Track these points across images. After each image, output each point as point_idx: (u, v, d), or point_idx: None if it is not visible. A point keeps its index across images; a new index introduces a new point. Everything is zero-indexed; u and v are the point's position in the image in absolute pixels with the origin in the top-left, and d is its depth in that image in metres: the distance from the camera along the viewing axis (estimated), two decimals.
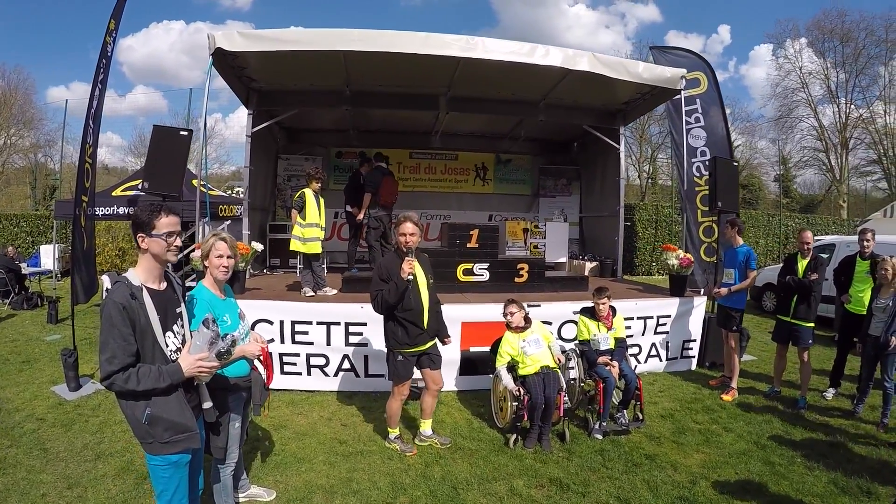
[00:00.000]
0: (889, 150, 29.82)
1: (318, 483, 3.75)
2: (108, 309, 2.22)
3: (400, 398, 4.42)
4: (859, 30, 29.71)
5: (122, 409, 2.32)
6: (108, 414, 4.87)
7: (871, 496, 3.71)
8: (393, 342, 4.24)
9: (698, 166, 8.50)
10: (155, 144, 5.47)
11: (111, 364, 2.18)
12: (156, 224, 2.32)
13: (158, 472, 2.40)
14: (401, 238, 4.11)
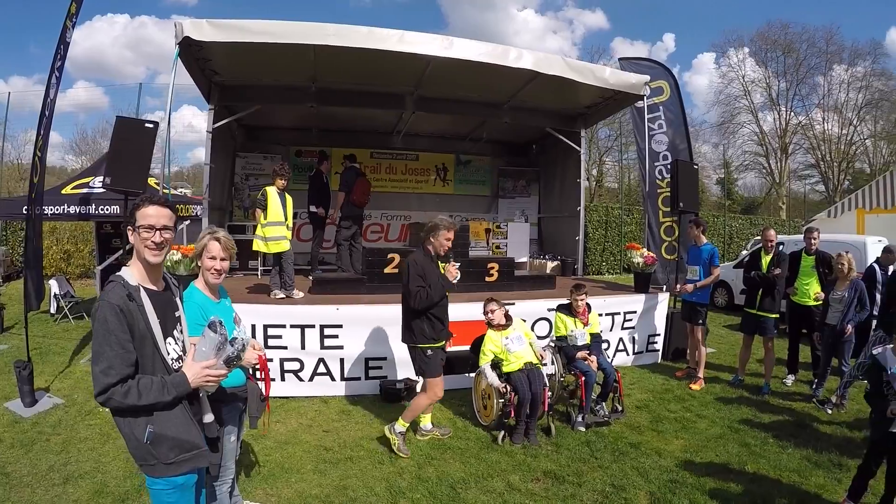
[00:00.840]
0: (826, 155, 32.29)
1: (312, 493, 3.61)
2: (102, 312, 1.92)
3: (433, 397, 4.39)
4: (801, 41, 32.10)
5: (120, 427, 2.01)
6: (71, 431, 4.49)
7: (842, 468, 4.02)
8: (420, 338, 4.27)
9: (660, 169, 8.91)
10: (118, 137, 5.08)
11: (108, 376, 1.88)
12: (136, 215, 2.04)
13: (162, 497, 2.10)
14: (447, 242, 4.30)
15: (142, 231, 2.01)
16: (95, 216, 7.42)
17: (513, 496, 3.63)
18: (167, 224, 2.07)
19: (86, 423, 4.61)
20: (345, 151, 9.80)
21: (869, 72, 31.15)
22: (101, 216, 7.48)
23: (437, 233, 4.28)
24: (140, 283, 2.03)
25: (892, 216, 10.97)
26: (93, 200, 7.33)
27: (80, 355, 6.77)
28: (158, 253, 2.06)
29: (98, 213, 7.37)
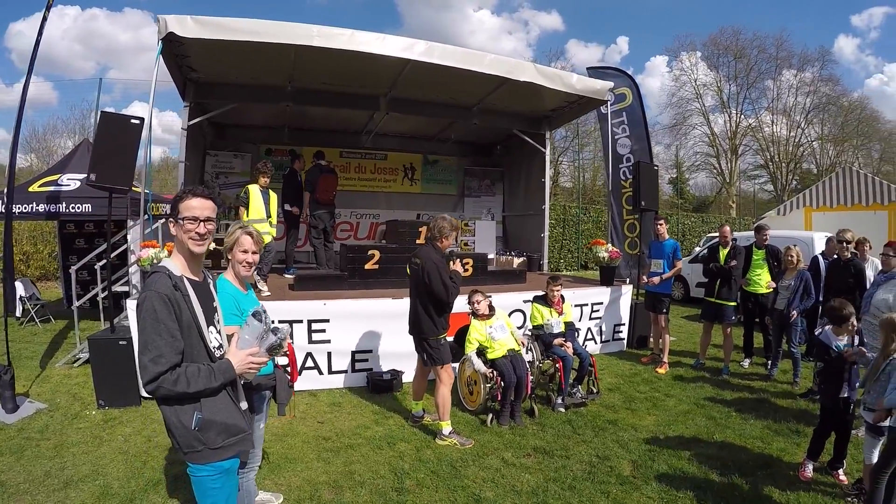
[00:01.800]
0: (775, 156, 34.21)
1: (320, 480, 3.72)
2: (150, 302, 1.93)
3: (450, 383, 4.56)
4: (752, 47, 33.87)
5: (166, 416, 2.02)
6: (61, 436, 4.39)
7: (800, 434, 4.58)
8: (440, 329, 4.52)
9: (624, 171, 9.50)
10: (102, 133, 4.99)
11: (158, 364, 1.89)
12: (180, 207, 2.07)
13: (207, 483, 2.11)
14: (450, 244, 4.60)
15: (186, 223, 2.04)
16: (65, 215, 7.19)
17: (509, 470, 3.92)
18: (210, 216, 2.11)
19: (75, 427, 4.54)
20: (315, 150, 9.89)
21: (817, 77, 33.22)
22: (71, 215, 7.25)
23: (447, 235, 4.52)
24: (183, 273, 2.07)
25: (837, 213, 11.99)
26: (62, 199, 7.11)
27: (55, 359, 6.60)
28: (202, 243, 2.09)
29: (68, 212, 7.15)
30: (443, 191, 12.47)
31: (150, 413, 4.85)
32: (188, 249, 2.07)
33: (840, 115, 33.03)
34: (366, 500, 3.46)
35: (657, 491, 3.62)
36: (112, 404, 5.01)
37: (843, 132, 32.93)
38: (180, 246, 2.10)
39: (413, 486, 3.66)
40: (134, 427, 4.58)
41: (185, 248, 2.08)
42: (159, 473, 3.72)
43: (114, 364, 5.03)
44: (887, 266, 4.78)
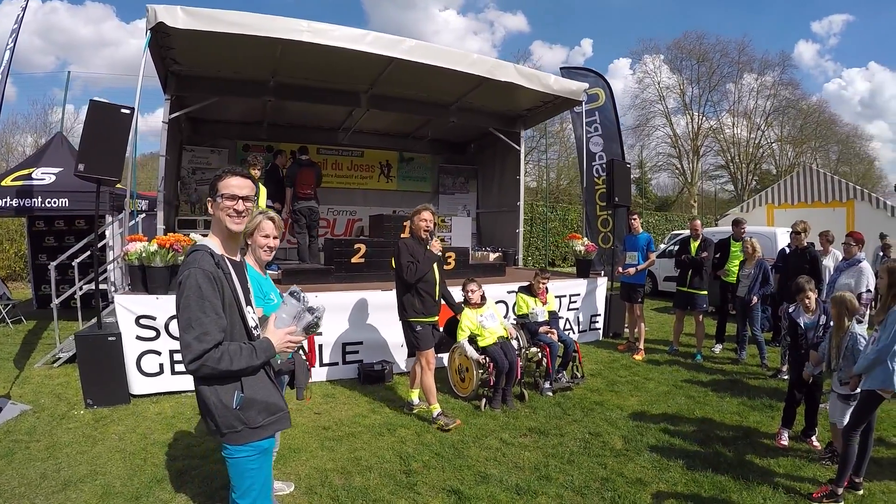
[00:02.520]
0: (735, 157, 35.56)
1: (328, 467, 3.78)
2: (195, 279, 1.93)
3: (431, 369, 4.69)
4: (715, 52, 35.07)
5: (204, 396, 2.01)
6: (51, 437, 4.22)
7: (773, 409, 4.98)
8: (411, 312, 4.63)
9: (597, 168, 9.88)
10: (91, 122, 4.85)
11: (202, 342, 1.88)
12: (219, 186, 2.08)
13: (245, 464, 2.11)
14: (421, 223, 4.69)
15: (224, 200, 2.05)
16: (39, 210, 6.94)
17: (508, 449, 4.12)
18: (248, 194, 2.11)
19: (64, 428, 4.39)
20: (293, 146, 9.89)
21: (777, 81, 34.78)
22: (46, 210, 6.99)
23: (414, 217, 4.74)
24: (222, 253, 2.09)
25: (798, 210, 12.77)
26: (36, 193, 6.88)
27: (32, 359, 6.38)
28: (240, 221, 2.09)
29: (43, 207, 6.90)
30: (418, 188, 12.60)
31: (142, 411, 4.79)
32: (226, 228, 2.08)
33: (799, 118, 34.63)
34: (376, 483, 3.56)
35: (649, 461, 3.91)
36: (101, 403, 4.86)
37: (802, 134, 34.60)
38: (218, 225, 2.11)
39: (420, 467, 3.80)
40: (127, 425, 4.45)
41: (223, 226, 2.09)
42: (162, 470, 3.67)
43: (102, 361, 4.90)
44: (848, 254, 5.26)
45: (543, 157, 28.60)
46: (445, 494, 3.41)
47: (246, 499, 2.16)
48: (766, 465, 3.85)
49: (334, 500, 3.32)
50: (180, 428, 4.41)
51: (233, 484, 2.16)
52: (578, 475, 3.68)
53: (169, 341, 5.20)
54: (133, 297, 5.18)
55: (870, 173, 36.65)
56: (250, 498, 2.16)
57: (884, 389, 3.25)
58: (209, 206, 2.11)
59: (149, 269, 5.29)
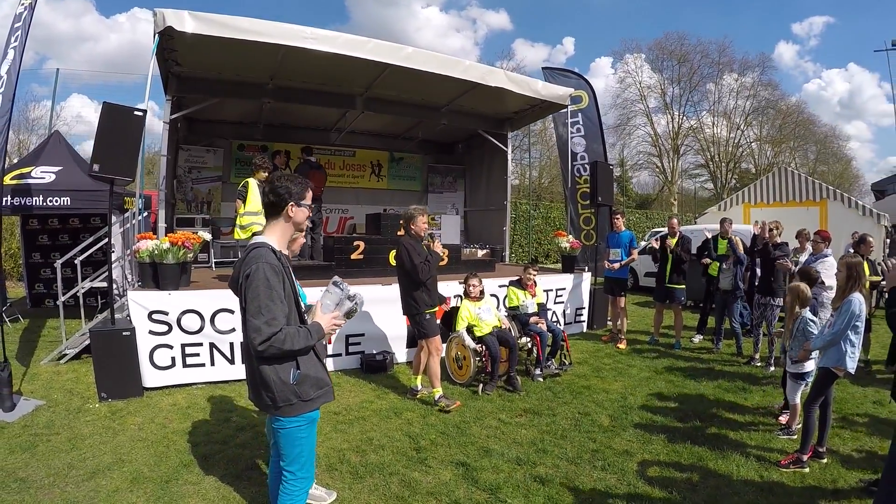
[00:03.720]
0: (715, 156, 36.14)
1: (343, 447, 4.05)
2: (263, 271, 2.23)
3: (438, 355, 5.06)
4: (696, 52, 35.52)
5: (265, 374, 2.31)
6: (70, 430, 4.31)
7: (747, 391, 5.52)
8: (422, 306, 4.99)
9: (578, 168, 10.33)
10: (105, 123, 5.00)
11: (271, 326, 2.18)
12: (305, 195, 2.46)
13: (296, 434, 2.42)
14: (424, 227, 5.10)
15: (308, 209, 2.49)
16: (39, 208, 7.03)
17: (507, 427, 4.52)
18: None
19: (82, 421, 4.50)
20: (287, 146, 10.12)
21: (757, 82, 35.44)
22: (46, 208, 7.07)
23: (416, 220, 5.08)
24: (280, 249, 2.42)
25: (773, 209, 13.40)
26: (36, 192, 6.98)
27: (37, 357, 6.50)
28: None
29: (43, 206, 7.00)
30: (408, 187, 12.93)
31: (157, 402, 4.98)
32: (299, 229, 2.50)
33: (778, 118, 35.38)
34: (390, 459, 3.88)
35: (635, 435, 4.35)
36: (115, 396, 5.01)
37: (781, 134, 35.39)
38: (291, 226, 2.47)
39: (428, 444, 4.15)
40: (144, 416, 4.61)
41: (296, 228, 2.48)
42: (187, 455, 3.85)
43: (116, 356, 5.06)
44: (816, 250, 5.81)
45: (526, 156, 29.11)
46: (454, 466, 3.77)
47: (295, 465, 2.48)
48: (739, 439, 4.31)
49: (354, 475, 3.63)
50: (197, 417, 4.63)
51: (283, 453, 2.48)
52: (571, 448, 4.09)
53: (181, 335, 5.45)
54: (146, 293, 5.41)
55: (847, 173, 37.64)
56: (298, 464, 2.49)
57: (837, 367, 3.73)
58: (289, 208, 2.42)
59: (161, 265, 5.52)
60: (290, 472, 2.49)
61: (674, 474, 3.68)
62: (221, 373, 5.62)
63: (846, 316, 3.67)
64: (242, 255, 2.42)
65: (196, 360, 5.54)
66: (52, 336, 7.49)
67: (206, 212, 9.97)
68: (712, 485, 3.54)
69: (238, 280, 2.36)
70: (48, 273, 9.13)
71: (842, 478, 3.66)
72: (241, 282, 2.31)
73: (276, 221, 2.46)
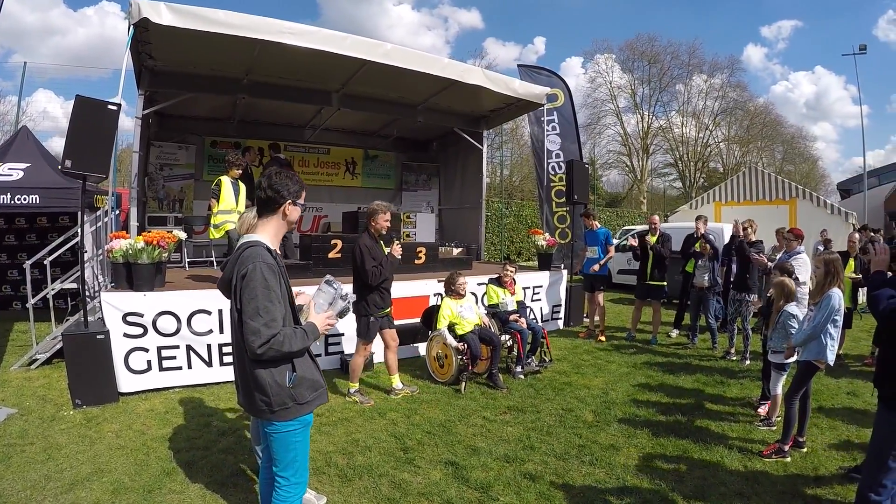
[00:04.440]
0: (684, 156, 36.97)
1: (328, 449, 3.99)
2: (261, 271, 2.17)
3: (364, 356, 5.18)
4: (666, 53, 36.27)
5: (261, 377, 2.23)
6: (45, 439, 4.14)
7: (725, 384, 5.71)
8: (372, 308, 4.99)
9: (553, 166, 10.45)
10: (77, 118, 4.78)
11: (270, 328, 2.12)
12: (301, 194, 2.42)
13: (291, 438, 2.35)
14: (385, 223, 5.02)
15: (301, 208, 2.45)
16: (6, 207, 6.66)
17: (493, 425, 4.55)
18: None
19: (57, 429, 4.33)
20: (261, 143, 9.94)
21: (726, 83, 36.36)
22: (14, 207, 6.71)
23: (376, 216, 5.01)
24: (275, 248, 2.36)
25: (744, 208, 13.82)
26: (4, 190, 6.61)
27: (6, 362, 6.22)
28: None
29: (11, 204, 6.65)
30: (382, 185, 12.86)
31: (133, 408, 4.82)
32: (291, 228, 2.45)
33: (746, 119, 36.43)
34: (378, 460, 3.85)
35: (619, 430, 4.44)
36: (89, 402, 4.82)
37: (749, 135, 36.44)
38: (285, 225, 2.42)
39: (415, 444, 4.14)
40: (121, 423, 4.46)
41: (289, 227, 2.43)
42: (168, 463, 3.74)
43: (90, 360, 4.88)
44: (789, 247, 6.06)
45: (498, 154, 29.27)
46: (443, 466, 3.78)
47: (289, 470, 2.41)
48: (721, 431, 4.46)
49: (343, 478, 3.59)
50: (176, 422, 4.50)
51: (276, 458, 2.41)
52: (558, 444, 4.15)
53: (156, 338, 5.29)
54: (120, 295, 5.23)
55: (813, 172, 38.97)
56: (293, 469, 2.41)
57: (818, 360, 3.90)
58: (286, 206, 2.37)
59: (135, 265, 5.34)
60: (284, 477, 2.43)
61: (660, 466, 3.78)
62: (199, 376, 5.49)
63: (826, 310, 3.84)
64: (235, 255, 2.34)
65: (173, 364, 5.40)
66: (20, 340, 7.18)
67: (178, 210, 9.69)
68: (698, 476, 3.65)
69: (231, 280, 2.29)
70: (15, 274, 8.76)
71: (822, 465, 3.82)
72: (236, 282, 2.24)
73: (270, 219, 2.38)
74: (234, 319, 2.31)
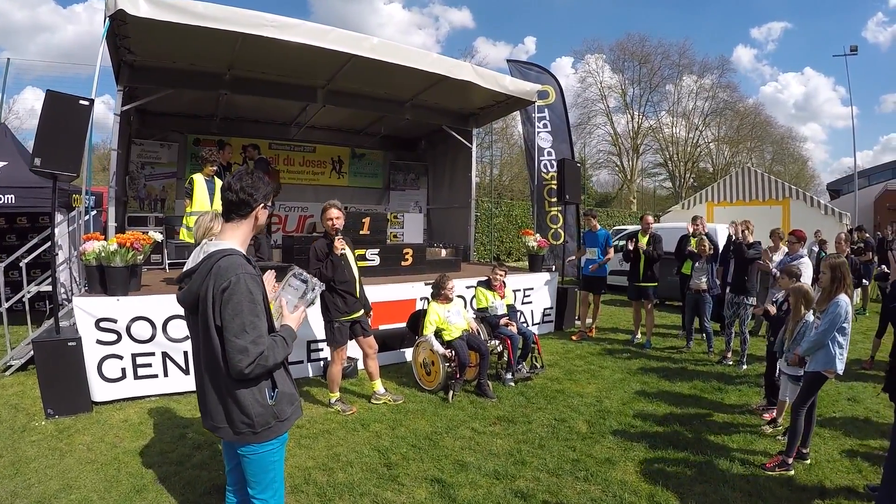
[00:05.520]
0: (674, 156, 37.20)
1: (308, 465, 3.80)
2: (245, 284, 1.99)
3: (340, 363, 4.99)
4: (657, 54, 36.54)
5: (242, 399, 2.06)
6: (13, 452, 3.98)
7: (723, 391, 5.55)
8: (334, 312, 4.83)
9: (545, 164, 10.27)
10: (47, 114, 4.57)
11: (258, 345, 1.96)
12: (271, 196, 2.27)
13: (269, 458, 2.19)
14: (328, 223, 4.81)
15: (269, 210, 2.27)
16: None
17: (481, 437, 4.36)
18: None
19: (27, 441, 4.15)
20: (244, 141, 9.68)
21: (716, 84, 36.72)
22: None
23: (323, 215, 4.90)
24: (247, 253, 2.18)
25: (736, 208, 13.81)
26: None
27: None
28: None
29: None
30: (369, 184, 12.64)
31: (107, 419, 4.62)
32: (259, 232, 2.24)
33: (736, 119, 36.79)
34: (359, 477, 3.64)
35: (614, 442, 4.27)
36: (62, 412, 4.62)
37: (739, 135, 36.79)
38: (254, 228, 2.24)
39: (399, 459, 3.93)
40: (93, 434, 4.27)
41: (258, 231, 2.24)
42: (140, 479, 3.56)
43: (62, 368, 4.66)
44: (792, 250, 5.92)
45: (487, 154, 29.13)
46: (429, 483, 3.58)
47: (268, 492, 2.24)
48: (721, 442, 4.29)
49: (322, 497, 3.39)
50: (150, 434, 4.31)
51: (252, 480, 2.23)
52: (551, 458, 3.97)
53: (131, 344, 5.06)
54: (92, 300, 4.98)
55: (803, 173, 39.47)
56: (272, 489, 2.25)
57: (827, 370, 3.74)
58: (260, 209, 2.20)
59: (108, 269, 5.09)
60: (262, 499, 2.25)
61: (659, 482, 3.61)
62: (175, 384, 5.25)
63: (832, 317, 3.70)
64: (205, 266, 2.07)
65: (148, 371, 5.16)
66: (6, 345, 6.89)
67: (159, 210, 9.40)
68: (699, 492, 3.49)
69: (203, 294, 2.04)
70: None
71: (827, 478, 3.68)
72: (215, 296, 2.01)
73: (239, 223, 2.19)
74: (203, 337, 2.08)
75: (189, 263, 2.21)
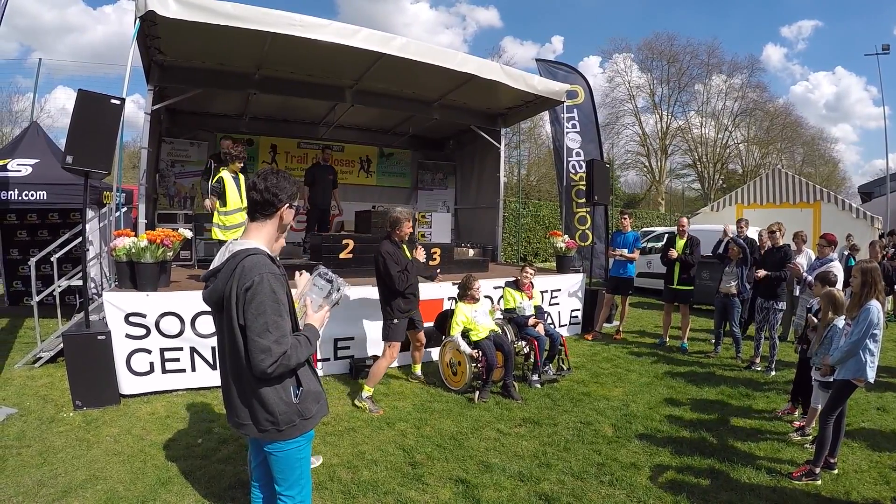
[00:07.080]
0: (702, 157, 36.38)
1: (333, 462, 3.81)
2: (269, 283, 1.99)
3: (391, 359, 5.10)
4: (685, 53, 35.75)
5: (266, 397, 2.06)
6: (42, 442, 4.03)
7: (751, 397, 5.39)
8: (397, 312, 4.98)
9: (574, 164, 10.11)
10: (80, 113, 4.65)
11: (281, 345, 1.97)
12: (297, 196, 2.25)
13: (296, 455, 2.20)
14: (409, 231, 5.07)
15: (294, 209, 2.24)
16: (15, 202, 6.62)
17: (507, 439, 4.29)
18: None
19: (55, 432, 4.22)
20: (273, 140, 9.79)
21: (745, 83, 35.76)
22: (22, 202, 6.68)
23: (400, 225, 5.03)
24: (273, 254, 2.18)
25: (766, 210, 13.37)
26: (12, 185, 6.57)
27: (11, 360, 6.12)
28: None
29: (19, 200, 6.60)
30: (397, 184, 12.64)
31: (134, 411, 4.70)
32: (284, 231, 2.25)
33: (766, 120, 35.73)
34: (384, 476, 3.62)
35: (640, 447, 4.15)
36: (90, 404, 4.70)
37: (769, 136, 35.74)
38: (281, 228, 2.22)
39: (424, 459, 3.90)
40: (121, 427, 4.32)
41: (283, 231, 2.23)
42: (165, 472, 3.60)
43: (91, 361, 4.75)
44: (821, 254, 5.70)
45: (515, 154, 28.95)
46: (453, 484, 3.54)
47: (295, 488, 2.25)
48: (748, 449, 4.14)
49: (346, 495, 3.38)
50: (176, 428, 4.36)
51: (279, 477, 2.24)
52: (576, 462, 3.88)
53: (159, 339, 5.15)
54: (122, 295, 5.09)
55: (834, 175, 38.11)
56: (299, 486, 2.26)
57: (857, 378, 3.56)
58: (286, 209, 2.18)
59: (138, 265, 5.20)
60: (290, 496, 2.26)
61: (684, 489, 3.49)
62: (203, 379, 5.32)
63: (864, 325, 3.53)
64: (230, 265, 2.07)
65: (176, 366, 5.24)
66: (28, 337, 7.11)
67: (188, 207, 9.60)
68: (724, 500, 3.37)
69: (227, 293, 2.04)
70: (26, 270, 8.75)
71: (854, 489, 3.53)
72: (239, 296, 2.00)
73: (264, 223, 2.17)
74: (227, 335, 2.08)
75: (215, 262, 2.20)
